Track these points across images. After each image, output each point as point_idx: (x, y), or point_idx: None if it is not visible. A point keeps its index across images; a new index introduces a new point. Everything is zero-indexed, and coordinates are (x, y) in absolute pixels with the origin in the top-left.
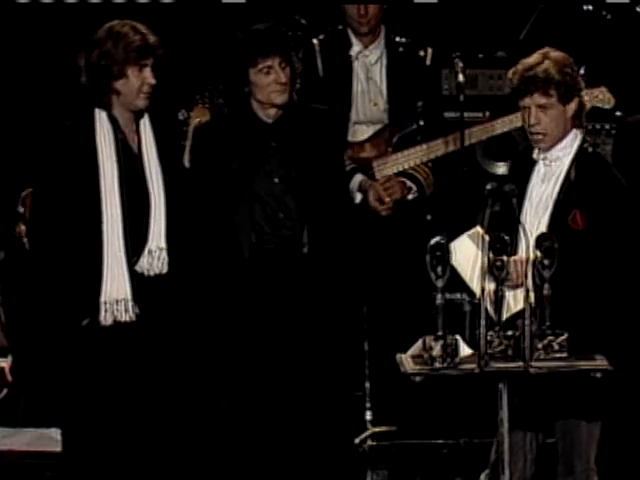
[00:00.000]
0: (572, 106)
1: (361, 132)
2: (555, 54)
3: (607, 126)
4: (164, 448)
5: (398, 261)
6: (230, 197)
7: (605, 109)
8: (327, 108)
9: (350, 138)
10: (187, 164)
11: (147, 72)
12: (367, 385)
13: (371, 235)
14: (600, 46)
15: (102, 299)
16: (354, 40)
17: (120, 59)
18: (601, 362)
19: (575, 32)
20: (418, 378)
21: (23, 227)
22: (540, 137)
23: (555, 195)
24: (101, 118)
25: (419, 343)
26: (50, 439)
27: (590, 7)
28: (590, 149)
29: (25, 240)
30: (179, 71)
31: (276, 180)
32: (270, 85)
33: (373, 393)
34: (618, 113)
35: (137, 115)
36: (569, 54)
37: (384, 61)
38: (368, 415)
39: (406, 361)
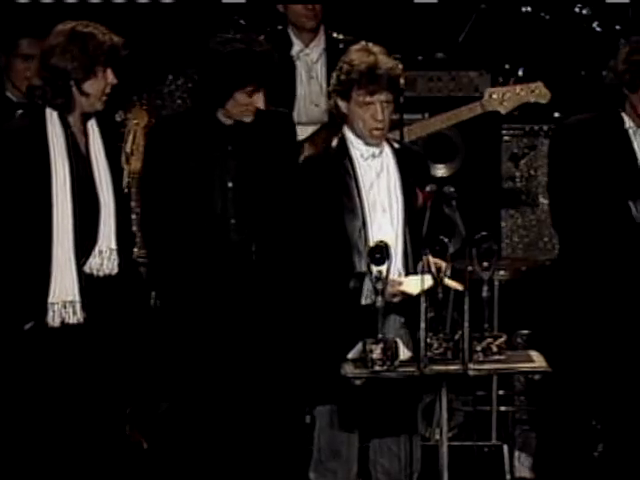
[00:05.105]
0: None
1: (301, 132)
2: (382, 49)
3: (545, 127)
4: (105, 452)
5: None
6: (186, 198)
7: (542, 108)
8: (286, 111)
9: None
10: (132, 164)
11: (109, 72)
12: None
13: None
14: (538, 47)
15: (50, 300)
16: (294, 40)
17: (90, 61)
18: (539, 364)
19: (514, 33)
20: (358, 381)
21: None
22: (381, 133)
23: (399, 184)
24: (52, 119)
25: (359, 346)
26: None
27: (529, 8)
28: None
29: None
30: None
31: (230, 184)
32: (246, 105)
33: (310, 397)
34: (556, 114)
35: (85, 116)
36: (508, 55)
37: (325, 59)
38: (307, 419)
39: (346, 364)
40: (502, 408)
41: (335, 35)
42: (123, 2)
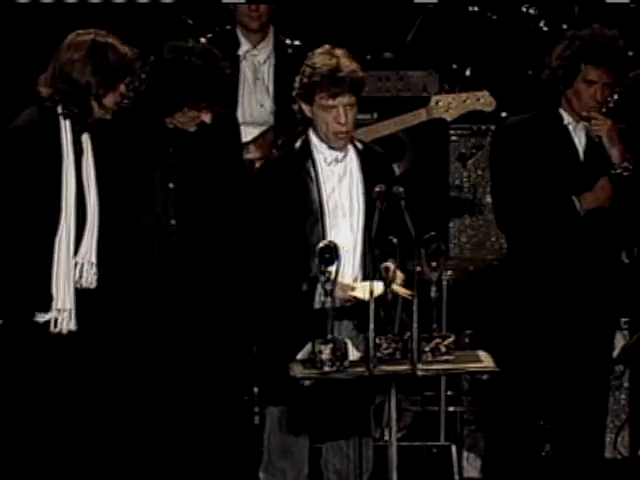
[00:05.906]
0: None
1: (246, 133)
2: (346, 52)
3: (492, 127)
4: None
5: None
6: (127, 199)
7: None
8: (228, 111)
9: None
10: None
11: (122, 84)
12: (255, 390)
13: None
14: (486, 46)
15: (55, 306)
16: (242, 40)
17: (111, 75)
18: (487, 364)
19: (461, 33)
20: (307, 382)
21: None
22: (345, 136)
23: (362, 188)
24: (66, 127)
25: (308, 347)
26: None
27: (476, 8)
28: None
29: None
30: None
31: (171, 186)
32: (193, 118)
33: (261, 397)
34: (503, 114)
35: (82, 128)
36: (456, 55)
37: (272, 61)
38: (256, 420)
39: (295, 365)
40: (450, 408)
41: (289, 42)
42: (123, 2)
